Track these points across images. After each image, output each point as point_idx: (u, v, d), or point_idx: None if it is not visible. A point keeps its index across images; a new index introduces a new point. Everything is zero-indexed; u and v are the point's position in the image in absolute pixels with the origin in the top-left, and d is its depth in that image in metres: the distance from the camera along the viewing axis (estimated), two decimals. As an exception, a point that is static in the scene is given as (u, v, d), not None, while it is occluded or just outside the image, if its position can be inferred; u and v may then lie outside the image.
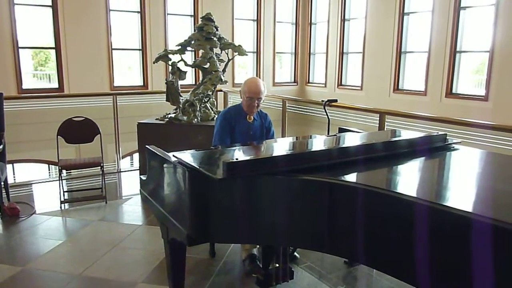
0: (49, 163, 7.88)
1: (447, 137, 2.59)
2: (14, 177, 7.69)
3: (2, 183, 4.19)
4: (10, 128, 4.52)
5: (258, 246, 3.14)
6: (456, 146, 2.55)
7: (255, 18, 10.37)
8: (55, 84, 8.20)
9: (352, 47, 10.17)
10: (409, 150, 2.36)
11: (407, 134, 2.83)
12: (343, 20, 10.09)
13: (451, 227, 1.48)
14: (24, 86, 7.82)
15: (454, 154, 2.45)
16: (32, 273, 3.10)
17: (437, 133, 2.60)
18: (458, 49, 7.88)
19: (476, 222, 1.39)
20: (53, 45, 8.04)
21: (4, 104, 4.44)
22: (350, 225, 1.79)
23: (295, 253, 3.25)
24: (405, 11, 8.72)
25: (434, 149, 2.47)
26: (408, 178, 2.07)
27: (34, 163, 8.15)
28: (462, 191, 1.85)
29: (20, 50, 7.73)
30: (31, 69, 8.82)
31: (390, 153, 2.30)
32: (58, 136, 4.56)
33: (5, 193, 4.32)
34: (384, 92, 9.06)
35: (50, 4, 7.82)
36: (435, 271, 1.51)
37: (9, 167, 4.80)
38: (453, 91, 8.01)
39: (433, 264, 1.52)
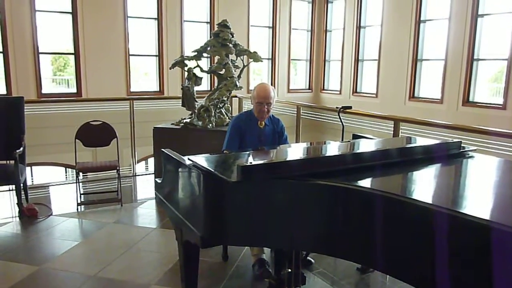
0: (66, 166, 8.02)
1: (462, 145, 2.57)
2: (32, 179, 7.84)
3: (22, 184, 4.29)
4: (29, 131, 4.64)
5: (266, 251, 3.16)
6: (471, 153, 2.54)
7: (271, 25, 10.42)
8: (73, 89, 8.36)
9: (367, 54, 10.14)
10: (424, 157, 2.36)
11: (422, 141, 2.83)
12: (359, 27, 10.08)
13: (467, 234, 1.47)
14: (44, 91, 7.99)
15: (470, 161, 2.44)
16: (48, 272, 3.16)
17: (452, 140, 2.58)
18: (475, 57, 7.80)
19: (495, 230, 1.38)
20: (72, 51, 8.21)
21: (25, 107, 4.56)
22: (363, 230, 1.79)
23: (309, 258, 3.25)
24: (422, 18, 8.68)
25: (449, 156, 2.46)
26: (423, 185, 2.06)
27: (51, 166, 8.29)
28: (479, 198, 1.84)
29: (40, 55, 7.91)
30: (51, 74, 9.01)
31: (404, 159, 2.30)
32: (76, 140, 4.65)
33: (24, 195, 4.42)
34: (399, 99, 9.00)
35: (70, 10, 8.00)
36: (451, 278, 1.50)
37: (27, 169, 4.90)
38: (470, 99, 7.92)
39: (449, 271, 1.50)
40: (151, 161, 7.04)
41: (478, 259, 1.44)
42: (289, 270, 2.59)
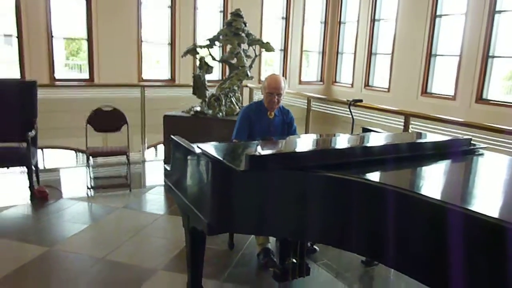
0: (77, 150, 8.10)
1: (472, 142, 2.56)
2: (43, 162, 7.93)
3: (33, 167, 4.35)
4: (41, 115, 4.69)
5: (271, 240, 3.19)
6: (481, 151, 2.52)
7: (284, 16, 10.36)
8: (85, 75, 8.41)
9: (381, 48, 10.04)
10: (432, 153, 2.35)
11: (431, 136, 2.81)
12: (373, 20, 9.97)
13: (476, 232, 1.46)
14: (57, 75, 8.05)
15: (480, 159, 2.42)
16: (58, 254, 3.23)
17: (462, 137, 2.57)
18: (490, 54, 7.68)
19: (505, 229, 1.37)
20: (86, 36, 8.24)
21: (37, 91, 4.61)
22: (370, 224, 1.80)
23: (315, 246, 3.26)
24: (437, 13, 8.55)
25: (458, 153, 2.45)
26: (432, 181, 2.06)
27: (62, 149, 8.38)
28: (488, 196, 1.83)
29: (54, 40, 7.95)
30: (64, 59, 9.08)
31: (413, 154, 2.29)
32: (87, 124, 4.70)
33: (35, 177, 4.49)
34: (411, 95, 8.92)
35: (85, -4, 8.03)
36: (459, 275, 1.49)
37: (39, 152, 4.98)
38: (484, 96, 7.81)
39: (456, 268, 1.49)
40: (161, 147, 7.09)
41: (487, 258, 1.44)
42: (294, 260, 2.62)
